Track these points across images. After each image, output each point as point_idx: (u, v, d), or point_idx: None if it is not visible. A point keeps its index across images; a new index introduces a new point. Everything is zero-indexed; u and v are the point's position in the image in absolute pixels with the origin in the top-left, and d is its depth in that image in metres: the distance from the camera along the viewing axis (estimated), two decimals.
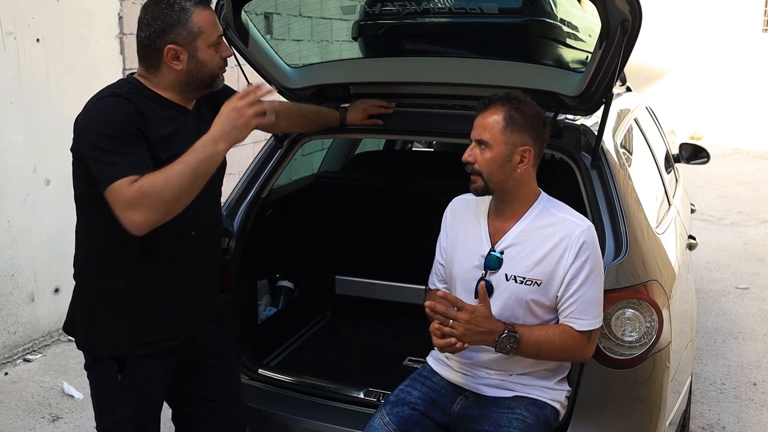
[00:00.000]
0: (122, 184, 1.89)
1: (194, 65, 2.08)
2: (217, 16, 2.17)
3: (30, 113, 4.24)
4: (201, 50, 2.08)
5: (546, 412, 2.28)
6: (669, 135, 5.94)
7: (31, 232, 4.34)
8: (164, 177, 1.89)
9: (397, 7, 2.85)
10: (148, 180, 1.89)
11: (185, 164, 1.91)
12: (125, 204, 1.88)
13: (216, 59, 2.11)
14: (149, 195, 1.88)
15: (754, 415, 3.84)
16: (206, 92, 2.19)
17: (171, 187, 1.89)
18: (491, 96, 2.26)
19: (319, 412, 2.65)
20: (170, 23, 2.04)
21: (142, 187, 1.87)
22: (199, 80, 2.11)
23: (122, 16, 4.84)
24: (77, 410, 3.78)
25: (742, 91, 13.73)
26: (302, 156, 5.87)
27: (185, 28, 2.04)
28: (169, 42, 2.04)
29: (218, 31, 2.12)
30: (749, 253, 6.76)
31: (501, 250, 2.26)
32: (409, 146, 5.49)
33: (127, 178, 1.89)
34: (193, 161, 1.91)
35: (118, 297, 2.13)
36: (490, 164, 2.20)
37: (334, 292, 3.90)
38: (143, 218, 1.89)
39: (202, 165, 1.93)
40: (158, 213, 1.90)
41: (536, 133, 2.22)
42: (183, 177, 1.90)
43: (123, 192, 1.89)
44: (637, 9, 2.21)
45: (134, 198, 1.87)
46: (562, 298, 2.21)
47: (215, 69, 2.13)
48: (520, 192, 2.26)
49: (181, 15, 2.04)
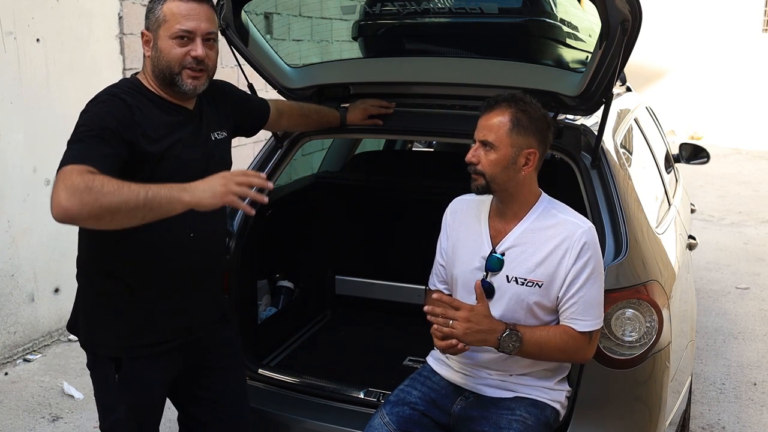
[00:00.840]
0: (75, 168, 1.80)
1: (155, 53, 2.08)
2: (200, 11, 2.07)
3: (30, 113, 4.24)
4: (161, 39, 2.06)
5: (546, 412, 2.28)
6: (669, 135, 5.94)
7: (31, 232, 4.34)
8: (117, 187, 1.79)
9: (397, 7, 2.85)
10: (101, 179, 1.79)
11: (144, 189, 1.81)
12: (66, 186, 1.77)
13: (174, 52, 2.05)
14: (92, 191, 1.76)
15: (754, 415, 3.84)
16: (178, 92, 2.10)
17: (115, 198, 1.78)
18: (496, 96, 2.24)
19: (319, 412, 2.65)
20: (150, 9, 2.09)
21: (92, 180, 1.77)
22: (161, 72, 2.08)
23: (122, 16, 4.84)
24: (77, 410, 3.78)
25: (742, 91, 13.73)
26: (302, 156, 5.88)
27: (154, 14, 2.07)
28: (145, 27, 2.10)
29: (183, 24, 2.04)
30: (749, 253, 6.76)
31: (502, 251, 2.26)
32: (409, 146, 5.49)
33: (84, 165, 1.81)
34: (153, 192, 1.82)
35: (115, 298, 2.13)
36: (495, 166, 2.18)
37: (334, 292, 3.90)
38: (70, 206, 1.76)
39: (156, 201, 1.82)
40: (87, 212, 1.77)
41: (541, 135, 2.21)
42: (133, 197, 1.80)
43: (71, 175, 1.79)
44: (637, 9, 2.21)
45: (77, 185, 1.76)
46: (563, 299, 2.20)
47: (174, 62, 2.05)
48: (522, 193, 2.25)
49: (156, 3, 2.08)
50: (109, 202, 1.77)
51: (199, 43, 2.07)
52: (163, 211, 1.85)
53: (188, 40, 2.06)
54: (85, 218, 1.80)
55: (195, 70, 2.07)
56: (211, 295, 2.34)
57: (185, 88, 2.09)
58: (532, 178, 2.25)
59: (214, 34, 2.12)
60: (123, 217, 1.81)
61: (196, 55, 2.06)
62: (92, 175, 1.79)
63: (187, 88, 2.09)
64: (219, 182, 1.88)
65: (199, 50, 2.06)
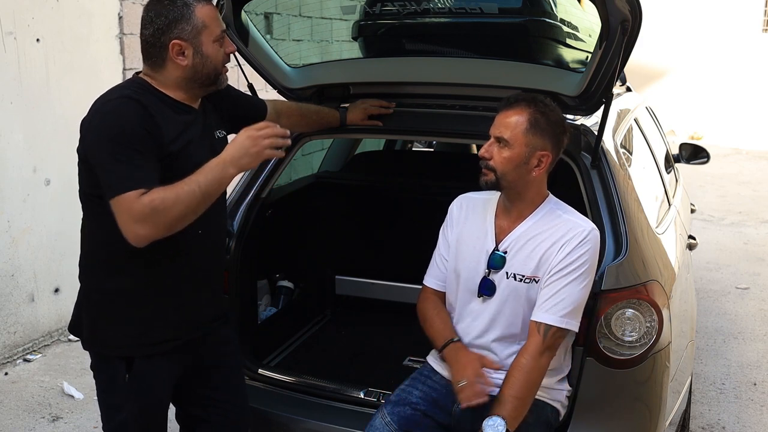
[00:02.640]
0: (131, 197, 1.90)
1: (199, 60, 2.08)
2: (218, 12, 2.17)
3: (30, 113, 4.24)
4: (205, 45, 2.08)
5: (546, 412, 2.28)
6: (669, 135, 5.94)
7: (31, 232, 4.34)
8: (175, 195, 1.91)
9: (397, 7, 2.85)
10: (158, 195, 1.90)
11: (195, 184, 1.93)
12: (133, 217, 1.90)
13: (220, 54, 2.12)
14: (158, 211, 1.89)
15: (754, 415, 3.84)
16: (211, 89, 2.18)
17: (180, 205, 1.91)
18: (517, 95, 2.24)
19: (319, 412, 2.64)
20: (174, 18, 2.04)
21: (152, 202, 1.89)
22: (203, 76, 2.11)
23: (122, 16, 4.84)
24: (77, 410, 3.78)
25: (742, 91, 13.73)
26: (302, 156, 5.88)
27: (189, 23, 2.05)
28: (174, 37, 2.05)
29: (221, 25, 2.12)
30: (749, 253, 6.76)
31: (504, 249, 2.27)
32: (409, 146, 5.49)
33: (136, 191, 1.90)
34: (203, 182, 1.94)
35: (123, 296, 2.12)
36: (507, 163, 2.18)
37: (334, 292, 3.90)
38: (148, 233, 1.92)
39: (211, 187, 1.96)
40: (163, 229, 1.93)
41: (556, 139, 2.22)
42: (192, 197, 1.93)
43: (132, 205, 1.89)
44: (637, 9, 2.21)
45: (143, 212, 1.89)
46: (542, 287, 2.19)
47: (219, 64, 2.13)
48: (529, 194, 2.26)
49: (184, 10, 2.05)
50: (177, 213, 1.92)
51: (228, 39, 2.17)
52: (218, 192, 2.01)
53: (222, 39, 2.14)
54: (164, 234, 1.95)
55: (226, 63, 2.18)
56: (214, 293, 2.34)
57: (222, 84, 2.19)
58: (541, 179, 2.26)
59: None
60: (192, 215, 1.96)
61: (231, 50, 2.17)
62: (149, 197, 1.90)
63: (223, 84, 2.20)
64: (249, 144, 1.99)
65: (232, 45, 2.18)
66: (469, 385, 2.20)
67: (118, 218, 1.92)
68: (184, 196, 1.91)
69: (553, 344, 2.19)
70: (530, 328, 2.20)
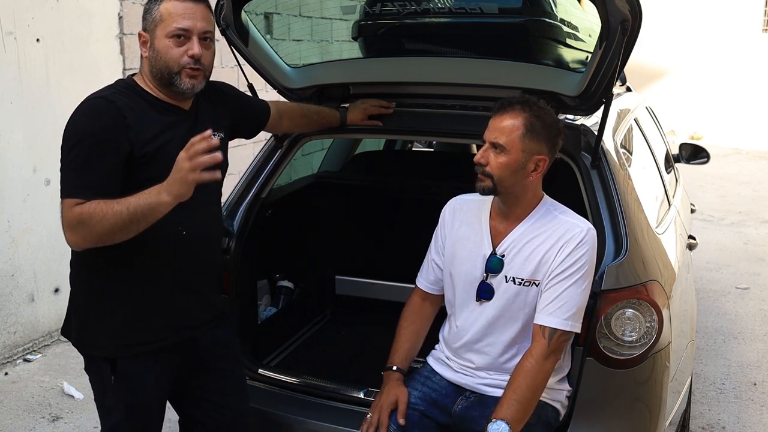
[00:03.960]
0: (67, 204, 1.95)
1: (153, 54, 2.07)
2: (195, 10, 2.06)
3: (30, 113, 4.24)
4: (158, 38, 2.05)
5: (546, 412, 2.28)
6: (669, 135, 5.94)
7: (31, 232, 4.34)
8: (102, 213, 1.90)
9: (397, 7, 2.85)
10: (87, 210, 1.92)
11: (125, 206, 1.90)
12: (65, 223, 1.96)
13: (172, 52, 2.04)
14: (84, 224, 1.93)
15: (754, 415, 3.84)
16: (172, 91, 2.10)
17: (105, 223, 1.91)
18: (510, 98, 2.20)
19: (319, 412, 2.64)
20: (146, 9, 2.08)
21: (81, 215, 1.92)
22: (159, 72, 2.07)
23: (122, 16, 4.84)
24: (77, 410, 3.78)
25: (742, 91, 13.73)
26: (302, 156, 5.87)
27: (151, 15, 2.06)
28: (141, 28, 2.09)
29: (179, 23, 2.03)
30: (749, 253, 6.76)
31: (502, 252, 2.26)
32: (409, 146, 5.49)
33: (72, 199, 1.94)
34: (133, 206, 1.90)
35: (105, 297, 2.12)
36: (504, 169, 2.16)
37: (334, 292, 3.90)
38: (76, 240, 1.97)
39: (140, 211, 1.90)
40: (91, 241, 1.96)
41: (552, 142, 2.20)
42: (119, 218, 1.90)
43: (66, 212, 1.96)
44: (637, 9, 2.21)
45: (72, 221, 1.94)
46: (543, 290, 2.19)
47: (172, 62, 2.04)
48: (526, 196, 2.25)
49: (153, 2, 2.07)
50: (101, 229, 1.92)
51: (195, 41, 2.06)
52: (151, 218, 1.93)
53: (185, 39, 2.05)
54: (95, 245, 1.97)
55: (193, 69, 2.07)
56: (203, 296, 2.31)
57: (183, 87, 2.08)
58: (538, 182, 2.25)
59: (210, 33, 2.11)
60: (120, 235, 1.94)
61: (192, 53, 2.05)
62: (80, 209, 1.92)
63: (185, 87, 2.08)
64: (177, 170, 1.87)
65: (195, 48, 2.05)
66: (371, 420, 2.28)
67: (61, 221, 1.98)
68: (110, 216, 1.90)
69: (558, 347, 2.18)
70: (534, 331, 2.20)
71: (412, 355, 2.45)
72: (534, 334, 2.19)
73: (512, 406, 2.10)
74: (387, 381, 2.36)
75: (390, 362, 2.41)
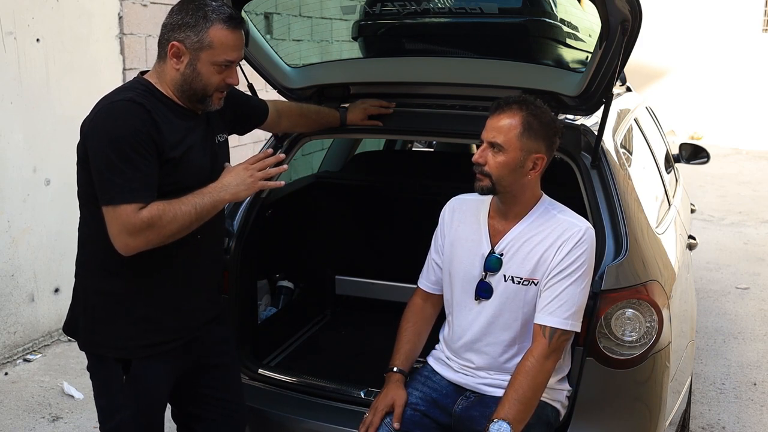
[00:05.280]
0: (129, 210, 1.92)
1: (190, 73, 2.05)
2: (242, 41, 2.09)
3: (30, 113, 4.24)
4: (202, 62, 2.04)
5: (546, 411, 2.28)
6: (669, 135, 5.94)
7: (31, 232, 4.34)
8: (173, 214, 1.96)
9: (397, 7, 2.85)
10: (156, 213, 1.94)
11: (192, 205, 2.01)
12: (127, 230, 1.93)
13: (214, 78, 2.07)
14: (154, 227, 1.94)
15: (754, 415, 3.84)
16: (198, 108, 2.13)
17: (175, 224, 1.98)
18: (507, 98, 2.21)
19: (319, 412, 2.64)
20: (187, 23, 2.02)
21: (151, 219, 1.94)
22: (191, 90, 2.08)
23: (122, 16, 4.83)
24: (77, 410, 3.78)
25: (742, 91, 13.73)
26: (302, 156, 5.88)
27: (197, 35, 2.02)
28: (176, 39, 2.04)
29: (229, 55, 2.06)
30: (749, 253, 6.76)
31: (500, 251, 2.26)
32: (409, 146, 5.49)
33: (132, 204, 1.92)
34: (199, 204, 2.02)
35: (121, 297, 2.12)
36: (502, 168, 2.16)
37: (334, 292, 3.90)
38: (138, 245, 1.97)
39: (206, 209, 2.04)
40: (154, 243, 1.98)
41: (550, 141, 2.21)
42: (188, 217, 2.00)
43: (129, 219, 1.92)
44: (637, 9, 2.21)
45: (139, 227, 1.93)
46: (543, 290, 2.19)
47: (211, 87, 2.08)
48: (525, 195, 2.25)
49: (200, 21, 2.02)
50: (171, 230, 1.98)
51: (235, 70, 2.11)
52: (211, 214, 2.08)
53: (226, 67, 2.08)
54: (153, 246, 2.00)
55: (223, 91, 2.13)
56: (211, 294, 2.35)
57: (212, 107, 2.14)
58: (536, 181, 2.25)
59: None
60: (183, 233, 2.03)
61: (232, 83, 2.12)
62: (148, 212, 1.94)
63: (214, 107, 2.15)
64: (245, 174, 2.11)
65: (235, 79, 2.13)
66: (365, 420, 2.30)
67: (110, 226, 1.95)
68: (180, 216, 1.98)
69: (559, 347, 2.18)
70: (534, 331, 2.20)
71: (413, 356, 2.45)
72: (534, 334, 2.19)
73: (513, 406, 2.10)
74: (387, 382, 2.37)
75: (391, 363, 2.42)
